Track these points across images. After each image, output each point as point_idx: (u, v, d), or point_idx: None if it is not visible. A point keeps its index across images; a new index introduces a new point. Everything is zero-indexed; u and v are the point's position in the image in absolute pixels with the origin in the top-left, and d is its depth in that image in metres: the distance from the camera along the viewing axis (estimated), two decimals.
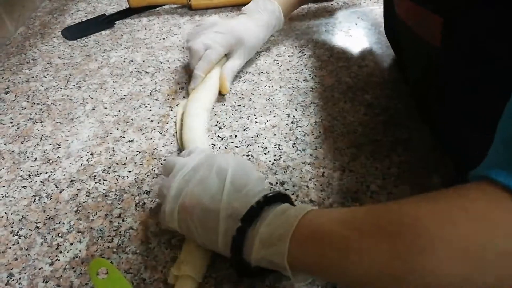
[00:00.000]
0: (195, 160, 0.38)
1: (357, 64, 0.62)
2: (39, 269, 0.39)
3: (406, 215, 0.27)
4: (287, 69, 0.62)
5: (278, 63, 0.63)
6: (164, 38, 0.70)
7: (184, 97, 0.57)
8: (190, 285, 0.35)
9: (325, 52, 0.65)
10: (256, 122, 0.53)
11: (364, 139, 0.50)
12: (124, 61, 0.65)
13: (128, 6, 0.76)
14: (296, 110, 0.54)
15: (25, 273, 0.39)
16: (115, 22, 0.75)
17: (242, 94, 0.57)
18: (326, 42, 0.67)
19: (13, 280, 0.38)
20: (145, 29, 0.73)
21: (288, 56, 0.64)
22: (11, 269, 0.39)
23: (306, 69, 0.61)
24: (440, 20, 0.38)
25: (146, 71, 0.63)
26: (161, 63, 0.64)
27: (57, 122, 0.55)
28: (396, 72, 0.59)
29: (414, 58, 0.48)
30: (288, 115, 0.54)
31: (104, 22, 0.75)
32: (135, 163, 0.49)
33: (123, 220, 0.43)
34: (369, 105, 0.54)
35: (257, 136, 0.51)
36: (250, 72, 0.61)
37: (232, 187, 0.35)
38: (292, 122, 0.52)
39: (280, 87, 0.58)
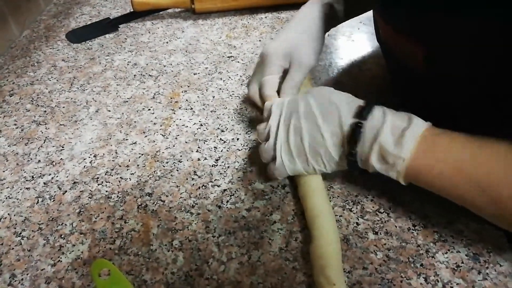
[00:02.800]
0: (280, 118, 0.41)
1: (358, 68, 0.62)
2: (41, 270, 0.39)
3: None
4: None
5: None
6: (167, 42, 0.71)
7: (186, 100, 0.58)
8: None
9: (327, 56, 0.65)
10: None
11: None
12: (128, 64, 0.66)
13: (132, 10, 0.77)
14: None
15: (27, 274, 0.39)
16: (119, 26, 0.76)
17: (245, 98, 0.58)
18: (328, 46, 0.68)
19: (15, 281, 0.39)
20: (149, 32, 0.74)
21: None
22: (14, 270, 0.39)
23: None
24: (422, 49, 0.39)
25: (149, 74, 0.63)
26: (164, 66, 0.65)
27: (60, 124, 0.55)
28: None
29: (397, 74, 0.50)
30: None
31: (108, 25, 0.75)
32: (138, 165, 0.49)
33: (125, 222, 0.43)
34: None
35: None
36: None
37: (325, 122, 0.39)
38: None
39: None
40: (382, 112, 0.37)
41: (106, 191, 0.46)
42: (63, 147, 0.52)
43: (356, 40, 0.69)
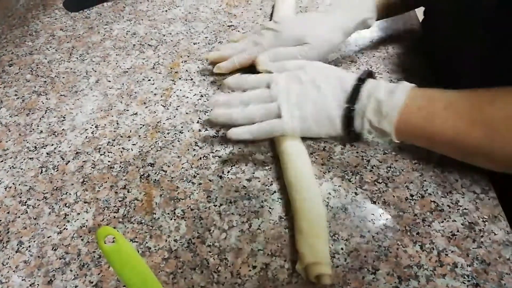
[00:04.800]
0: (286, 79, 0.45)
1: (361, 38, 0.61)
2: (48, 237, 0.40)
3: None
4: None
5: None
6: (166, 10, 0.69)
7: (186, 70, 0.57)
8: (319, 268, 0.35)
9: None
10: None
11: None
12: (127, 33, 0.65)
13: None
14: None
15: (34, 241, 0.40)
16: None
17: (245, 68, 0.57)
18: None
19: (23, 247, 0.40)
20: (147, 0, 0.72)
21: None
22: (21, 237, 0.41)
23: None
24: None
25: (148, 44, 0.63)
26: (164, 36, 0.64)
27: (61, 95, 0.55)
28: (401, 46, 0.59)
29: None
30: None
31: None
32: (139, 136, 0.49)
33: (128, 191, 0.44)
34: None
35: None
36: None
37: (328, 86, 0.43)
38: None
39: None
40: (377, 80, 0.43)
41: (109, 161, 0.47)
42: (64, 117, 0.52)
43: None
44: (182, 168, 0.45)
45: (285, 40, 0.51)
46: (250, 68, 0.53)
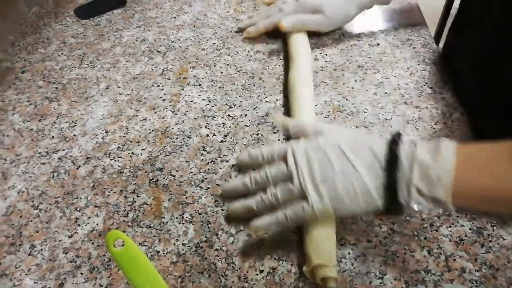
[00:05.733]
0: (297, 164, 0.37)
1: (368, 43, 0.61)
2: (59, 241, 0.41)
3: None
4: None
5: None
6: (175, 17, 0.70)
7: (194, 76, 0.58)
8: (325, 271, 0.35)
9: (336, 30, 0.64)
10: (266, 102, 0.53)
11: (373, 118, 0.50)
12: (136, 40, 0.66)
13: None
14: None
15: (46, 245, 0.41)
16: (127, 1, 0.75)
17: (253, 73, 0.58)
18: None
19: (35, 251, 0.41)
20: (157, 7, 0.73)
21: None
22: (33, 241, 0.41)
23: (317, 47, 0.61)
24: None
25: (157, 50, 0.63)
26: (172, 42, 0.65)
27: (72, 101, 0.56)
28: (407, 51, 0.59)
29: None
30: None
31: (116, 0, 0.75)
32: (148, 141, 0.50)
33: (137, 196, 0.44)
34: (379, 84, 0.54)
35: (266, 115, 0.52)
36: (260, 51, 0.61)
37: (358, 157, 0.36)
38: None
39: None
40: (410, 139, 0.36)
41: (119, 166, 0.47)
42: (75, 123, 0.53)
43: (366, 14, 0.68)
44: (190, 172, 0.46)
45: (304, 8, 0.60)
46: (275, 31, 0.61)
